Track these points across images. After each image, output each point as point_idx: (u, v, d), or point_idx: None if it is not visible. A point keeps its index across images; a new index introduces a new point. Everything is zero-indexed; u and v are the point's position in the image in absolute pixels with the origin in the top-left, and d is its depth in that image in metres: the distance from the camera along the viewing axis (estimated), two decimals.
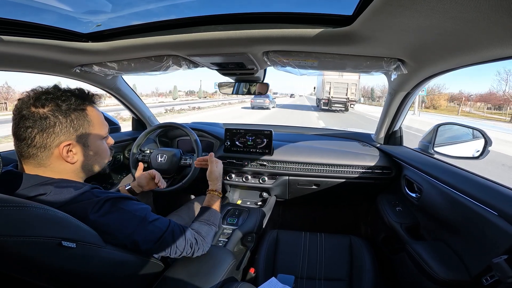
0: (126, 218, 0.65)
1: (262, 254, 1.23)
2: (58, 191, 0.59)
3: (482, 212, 0.76)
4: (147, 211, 0.71)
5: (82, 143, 0.67)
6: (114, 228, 0.62)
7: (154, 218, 0.71)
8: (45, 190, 0.58)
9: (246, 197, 1.68)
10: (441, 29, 0.58)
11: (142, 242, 0.66)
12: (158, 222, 0.72)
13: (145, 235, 0.67)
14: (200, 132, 1.74)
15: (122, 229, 0.63)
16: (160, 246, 0.71)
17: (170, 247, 0.73)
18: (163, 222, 0.73)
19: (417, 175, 1.15)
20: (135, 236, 0.65)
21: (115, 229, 0.62)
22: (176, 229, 0.76)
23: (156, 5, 0.80)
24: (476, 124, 1.23)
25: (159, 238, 0.70)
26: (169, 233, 0.72)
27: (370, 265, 1.15)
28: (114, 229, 0.62)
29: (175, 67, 1.01)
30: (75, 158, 0.65)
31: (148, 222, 0.68)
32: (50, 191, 0.59)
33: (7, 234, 0.44)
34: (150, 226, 0.68)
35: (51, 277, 0.54)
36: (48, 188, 0.59)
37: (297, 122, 12.22)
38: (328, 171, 1.44)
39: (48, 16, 0.79)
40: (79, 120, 0.65)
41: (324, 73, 15.90)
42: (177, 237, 0.75)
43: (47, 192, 0.58)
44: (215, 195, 1.01)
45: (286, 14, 0.68)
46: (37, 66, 1.07)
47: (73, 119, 0.64)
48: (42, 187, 0.59)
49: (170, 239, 0.72)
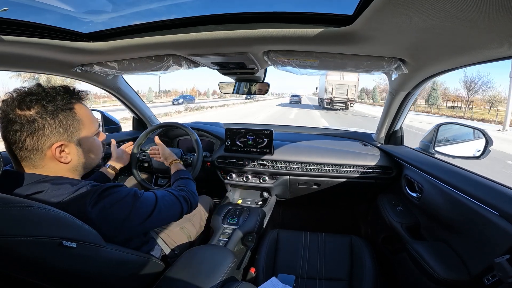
0: (120, 201, 0.66)
1: (263, 253, 1.23)
2: (55, 188, 0.59)
3: (483, 212, 0.76)
4: (135, 189, 0.73)
5: (74, 143, 0.66)
6: (113, 211, 0.63)
7: (143, 192, 0.74)
8: (42, 188, 0.59)
9: (246, 197, 1.68)
10: (442, 28, 0.58)
11: (141, 217, 0.69)
12: (147, 194, 0.75)
13: (142, 208, 0.70)
14: (200, 132, 1.74)
15: (119, 212, 0.65)
16: (160, 212, 0.74)
17: (168, 212, 0.78)
18: (151, 193, 0.77)
19: (418, 174, 1.15)
20: (134, 214, 0.67)
21: (114, 211, 0.63)
22: (164, 193, 0.81)
23: (157, 5, 0.80)
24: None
25: (154, 206, 0.73)
26: (160, 200, 0.76)
27: (370, 265, 1.15)
28: (113, 211, 0.63)
29: (175, 66, 1.01)
30: (68, 157, 0.65)
31: (140, 197, 0.71)
32: (47, 188, 0.59)
33: (8, 233, 0.44)
34: (143, 199, 0.71)
35: (51, 277, 0.54)
36: (45, 185, 0.59)
37: (301, 117, 13.90)
38: (329, 171, 1.44)
39: (49, 16, 0.80)
40: (68, 120, 0.64)
41: (326, 75, 18.20)
42: (170, 200, 0.80)
43: (44, 189, 0.59)
44: (177, 162, 1.15)
45: (287, 14, 0.68)
46: (38, 66, 1.07)
47: (62, 119, 0.63)
48: (39, 184, 0.59)
49: (163, 206, 0.76)
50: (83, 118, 0.68)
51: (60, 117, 0.62)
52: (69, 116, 0.64)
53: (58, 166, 0.64)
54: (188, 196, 0.88)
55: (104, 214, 0.62)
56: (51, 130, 0.61)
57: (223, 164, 1.56)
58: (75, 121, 0.66)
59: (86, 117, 0.69)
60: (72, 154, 0.66)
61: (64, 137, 0.63)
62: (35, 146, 0.60)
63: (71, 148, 0.66)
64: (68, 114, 0.64)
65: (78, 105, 0.68)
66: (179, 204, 0.83)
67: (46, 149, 0.61)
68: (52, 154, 0.62)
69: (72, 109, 0.65)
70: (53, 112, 0.61)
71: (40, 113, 0.59)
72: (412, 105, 1.30)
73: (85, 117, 0.69)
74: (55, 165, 0.64)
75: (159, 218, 0.75)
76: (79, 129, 0.67)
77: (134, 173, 1.36)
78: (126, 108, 1.71)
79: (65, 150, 0.64)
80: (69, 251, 0.51)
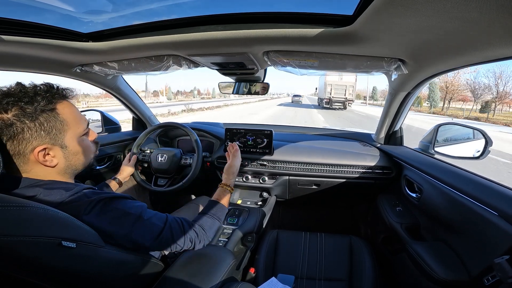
0: (120, 218, 0.63)
1: (262, 254, 1.23)
2: (48, 193, 0.57)
3: (483, 212, 0.76)
4: (143, 208, 0.68)
5: (59, 145, 0.62)
6: (110, 229, 0.61)
7: (150, 215, 0.69)
8: (34, 193, 0.56)
9: (246, 197, 1.68)
10: (441, 29, 0.58)
11: (140, 240, 0.65)
12: (155, 218, 0.69)
13: (143, 233, 0.65)
14: (200, 132, 1.74)
15: (118, 229, 0.62)
16: (160, 244, 0.69)
17: (170, 244, 0.71)
18: (160, 218, 0.71)
19: (418, 175, 1.15)
20: (132, 235, 0.63)
21: (110, 230, 0.61)
22: (174, 224, 0.74)
23: (157, 5, 0.80)
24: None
25: (158, 235, 0.68)
26: (167, 229, 0.70)
27: (370, 265, 1.15)
28: (110, 230, 0.61)
29: (175, 67, 1.01)
30: (54, 161, 0.61)
31: (145, 219, 0.66)
32: (39, 193, 0.56)
33: (7, 234, 0.44)
34: (147, 224, 0.66)
35: (51, 277, 0.54)
36: (37, 190, 0.57)
37: (302, 115, 14.57)
38: (329, 171, 1.44)
39: (49, 16, 0.79)
40: (50, 122, 0.59)
41: (325, 76, 18.89)
42: (176, 232, 0.73)
43: (36, 194, 0.56)
44: (228, 189, 0.98)
45: (287, 14, 0.68)
46: (38, 66, 1.07)
47: (42, 121, 0.58)
48: (31, 189, 0.57)
49: (169, 235, 0.70)
50: (68, 118, 0.63)
51: (41, 119, 0.58)
52: (51, 118, 0.60)
53: (45, 170, 0.61)
54: (198, 238, 0.78)
55: (101, 227, 0.59)
56: (32, 133, 0.57)
57: (223, 164, 1.55)
58: (58, 122, 0.61)
59: (70, 117, 0.64)
60: (58, 157, 0.62)
61: (46, 140, 0.59)
62: (17, 151, 0.57)
63: (56, 151, 0.62)
64: (49, 116, 0.59)
65: (61, 104, 0.63)
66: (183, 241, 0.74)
67: (28, 153, 0.58)
68: (35, 158, 0.58)
69: (54, 109, 0.60)
70: (32, 114, 0.56)
71: (17, 116, 0.55)
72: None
73: (69, 117, 0.63)
74: (41, 169, 0.60)
75: (158, 246, 0.69)
76: (64, 130, 0.62)
77: (134, 173, 1.36)
78: (125, 108, 1.71)
79: (49, 153, 0.60)
80: (69, 251, 0.51)
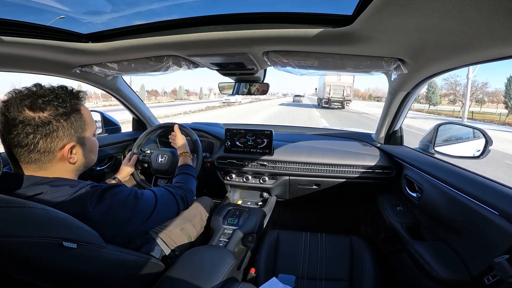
0: (123, 200, 0.67)
1: (263, 254, 1.23)
2: (55, 190, 0.59)
3: (483, 212, 0.76)
4: (135, 189, 0.74)
5: (81, 143, 0.68)
6: (115, 213, 0.64)
7: (143, 192, 0.76)
8: (41, 190, 0.58)
9: (246, 197, 1.68)
10: (441, 28, 0.58)
11: (143, 214, 0.70)
12: (146, 195, 0.76)
13: (143, 208, 0.71)
14: (200, 132, 1.74)
15: (123, 213, 0.66)
16: (158, 213, 0.75)
17: (168, 209, 0.81)
18: (150, 193, 0.78)
19: (418, 174, 1.15)
20: (135, 213, 0.68)
21: (116, 213, 0.64)
22: (162, 191, 0.83)
23: (157, 5, 0.80)
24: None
25: (153, 208, 0.74)
26: (160, 198, 0.79)
27: (370, 265, 1.15)
28: (115, 213, 0.64)
29: (175, 67, 1.01)
30: (75, 158, 0.67)
31: (140, 198, 0.72)
32: (46, 190, 0.59)
33: (8, 234, 0.44)
34: (143, 199, 0.73)
35: (51, 278, 0.54)
36: (44, 187, 0.59)
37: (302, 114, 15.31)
38: (329, 171, 1.44)
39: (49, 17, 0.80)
40: (77, 121, 0.65)
41: (325, 77, 20.47)
42: (168, 197, 0.83)
43: (43, 191, 0.58)
44: (187, 155, 1.18)
45: (286, 14, 0.69)
46: (37, 67, 1.07)
47: (73, 121, 0.64)
48: (38, 186, 0.59)
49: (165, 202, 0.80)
50: (87, 119, 0.70)
51: (72, 118, 0.64)
52: (78, 117, 0.66)
53: (64, 167, 0.65)
54: (185, 195, 0.90)
55: (106, 215, 0.62)
56: (64, 131, 0.62)
57: (223, 165, 1.56)
58: (82, 122, 0.67)
59: (89, 117, 0.71)
60: (79, 154, 0.68)
61: (74, 138, 0.65)
62: (48, 148, 0.60)
63: (78, 149, 0.67)
64: (77, 115, 0.65)
65: (82, 106, 0.69)
66: (175, 203, 0.85)
67: (57, 150, 0.62)
68: (62, 155, 0.63)
69: (80, 110, 0.67)
70: (67, 114, 0.62)
71: (54, 115, 0.60)
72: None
73: (88, 117, 0.70)
74: (61, 166, 0.65)
75: (158, 217, 0.76)
76: (85, 130, 0.68)
77: (133, 173, 1.36)
78: (125, 108, 1.71)
79: (73, 150, 0.65)
80: (69, 251, 0.51)
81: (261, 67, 1.06)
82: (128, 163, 1.29)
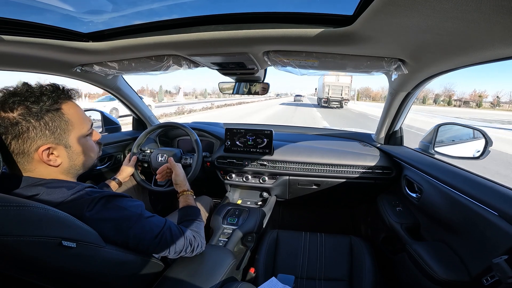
0: (121, 215, 0.64)
1: (262, 254, 1.23)
2: (50, 192, 0.58)
3: (482, 212, 0.76)
4: (142, 208, 0.70)
5: (63, 145, 0.63)
6: (110, 226, 0.61)
7: (149, 215, 0.70)
8: (37, 191, 0.57)
9: (246, 197, 1.68)
10: (441, 29, 0.58)
11: (140, 239, 0.65)
12: (155, 219, 0.71)
13: (143, 231, 0.66)
14: (200, 132, 1.74)
15: (119, 226, 0.63)
16: (160, 244, 0.70)
17: (169, 245, 0.72)
18: (159, 220, 0.73)
19: (418, 175, 1.15)
20: (132, 233, 0.64)
21: (112, 227, 0.62)
22: (173, 226, 0.75)
23: (158, 5, 0.80)
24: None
25: (157, 234, 0.69)
26: (166, 229, 0.72)
27: (370, 265, 1.15)
28: (111, 227, 0.61)
29: (175, 67, 1.01)
30: (58, 160, 0.62)
31: (145, 218, 0.67)
32: (42, 192, 0.57)
33: (8, 233, 0.44)
34: (147, 223, 0.68)
35: (51, 277, 0.54)
36: (39, 189, 0.58)
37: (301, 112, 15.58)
38: (329, 171, 1.44)
39: (49, 16, 0.79)
40: (55, 122, 0.60)
41: (324, 77, 21.00)
42: (175, 234, 0.74)
43: (39, 193, 0.57)
44: (189, 194, 1.03)
45: (287, 14, 0.68)
46: (38, 66, 1.07)
47: (48, 121, 0.59)
48: (33, 188, 0.58)
49: (168, 236, 0.71)
50: (72, 119, 0.64)
51: (46, 118, 0.59)
52: (56, 117, 0.61)
53: (48, 169, 0.62)
54: (195, 241, 0.81)
55: (101, 223, 0.60)
56: (36, 132, 0.58)
57: (223, 164, 1.56)
58: (63, 122, 0.62)
59: (75, 117, 0.65)
60: (62, 156, 0.63)
61: (51, 140, 0.60)
62: (21, 150, 0.57)
63: (60, 151, 0.63)
64: (54, 115, 0.60)
65: (66, 104, 0.64)
66: (183, 243, 0.76)
67: (32, 152, 0.58)
68: (39, 158, 0.59)
69: (59, 109, 0.62)
70: (38, 114, 0.58)
71: (23, 115, 0.56)
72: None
73: (74, 117, 0.65)
74: (45, 168, 0.61)
75: (158, 247, 0.70)
76: (68, 130, 0.63)
77: (134, 173, 1.36)
78: (125, 108, 1.71)
79: (53, 153, 0.61)
80: (69, 251, 0.51)
81: (262, 67, 1.06)
82: (129, 163, 1.29)
